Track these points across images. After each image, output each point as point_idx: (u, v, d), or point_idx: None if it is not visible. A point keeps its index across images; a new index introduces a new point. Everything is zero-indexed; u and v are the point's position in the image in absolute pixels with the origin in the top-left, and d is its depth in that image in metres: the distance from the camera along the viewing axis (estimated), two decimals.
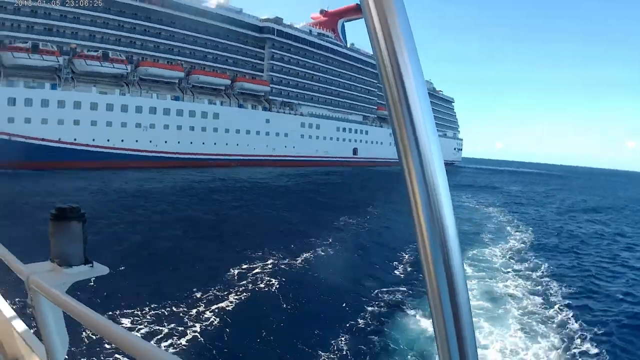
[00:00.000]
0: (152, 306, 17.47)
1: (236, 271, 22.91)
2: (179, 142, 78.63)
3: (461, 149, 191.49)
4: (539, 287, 24.17)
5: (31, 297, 2.45)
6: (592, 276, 27.70)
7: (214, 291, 19.76)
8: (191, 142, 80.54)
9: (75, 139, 66.19)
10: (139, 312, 16.79)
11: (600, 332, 18.65)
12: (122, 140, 71.44)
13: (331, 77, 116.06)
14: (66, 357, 2.53)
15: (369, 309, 19.57)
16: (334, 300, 20.25)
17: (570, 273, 27.56)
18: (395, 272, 25.33)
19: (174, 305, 17.84)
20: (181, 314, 17.25)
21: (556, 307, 21.18)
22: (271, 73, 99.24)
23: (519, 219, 48.25)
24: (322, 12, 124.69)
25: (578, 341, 17.64)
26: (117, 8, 73.87)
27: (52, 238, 2.69)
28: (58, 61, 67.36)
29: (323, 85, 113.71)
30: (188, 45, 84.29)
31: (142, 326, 15.80)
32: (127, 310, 16.63)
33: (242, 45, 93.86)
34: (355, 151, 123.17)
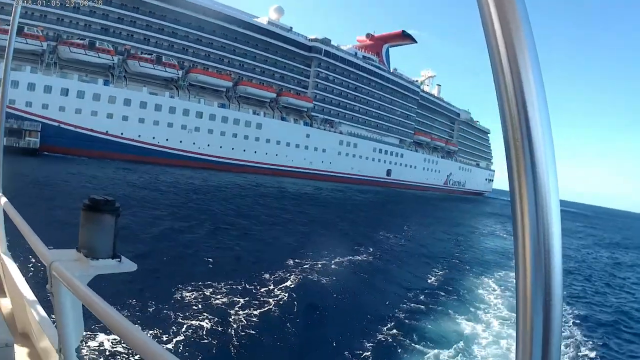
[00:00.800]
0: (172, 307, 16.69)
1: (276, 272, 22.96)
2: (221, 147, 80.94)
3: (492, 180, 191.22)
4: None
5: (52, 283, 2.45)
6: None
7: (250, 294, 19.37)
8: (232, 148, 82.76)
9: (122, 133, 69.17)
10: (160, 312, 16.04)
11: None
12: (167, 140, 74.12)
13: (372, 99, 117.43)
14: (80, 347, 2.55)
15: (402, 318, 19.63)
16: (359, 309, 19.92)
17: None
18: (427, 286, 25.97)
19: (194, 309, 16.93)
20: (203, 318, 16.30)
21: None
22: (315, 90, 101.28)
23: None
24: (368, 35, 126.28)
25: None
26: (172, 16, 76.97)
27: (81, 228, 2.69)
28: (112, 60, 70.71)
29: (363, 107, 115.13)
30: (238, 57, 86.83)
31: (158, 328, 14.92)
32: (148, 308, 15.98)
33: (289, 62, 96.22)
34: (389, 172, 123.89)
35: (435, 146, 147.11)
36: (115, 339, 12.75)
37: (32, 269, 14.51)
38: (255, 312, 17.44)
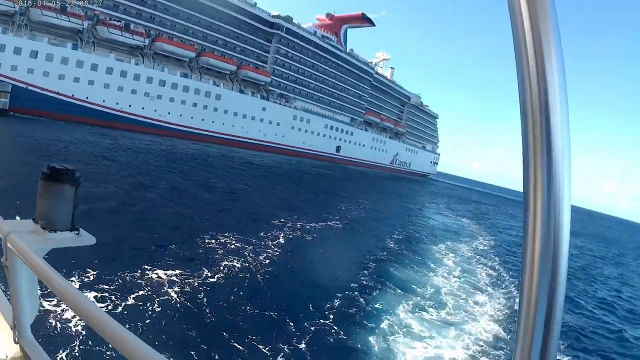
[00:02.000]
0: (128, 276, 16.59)
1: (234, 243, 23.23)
2: (180, 115, 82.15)
3: (437, 163, 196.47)
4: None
5: (7, 256, 2.37)
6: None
7: (197, 266, 19.19)
8: (192, 117, 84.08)
9: (87, 98, 69.82)
10: (111, 280, 15.85)
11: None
12: (130, 106, 75.12)
13: (327, 78, 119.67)
14: (33, 323, 2.49)
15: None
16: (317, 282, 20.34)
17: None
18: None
19: (148, 281, 16.84)
20: (155, 289, 16.28)
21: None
22: (274, 66, 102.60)
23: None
24: (328, 15, 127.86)
25: None
26: None
27: (39, 198, 2.57)
28: (82, 24, 70.77)
29: (318, 84, 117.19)
30: (202, 29, 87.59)
31: (109, 297, 14.77)
32: (106, 282, 15.60)
33: (251, 36, 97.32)
34: (338, 149, 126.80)
35: (385, 127, 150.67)
36: (71, 315, 12.53)
37: None
38: (209, 285, 17.51)
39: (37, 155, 33.21)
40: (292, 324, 16.10)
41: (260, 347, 14.05)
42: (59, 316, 12.26)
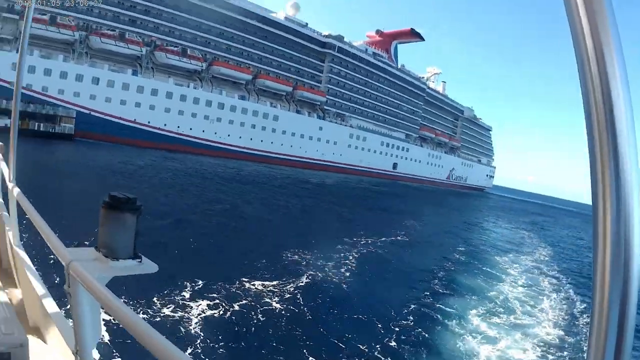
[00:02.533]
0: (193, 301, 16.30)
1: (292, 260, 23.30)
2: (240, 137, 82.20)
3: (492, 176, 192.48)
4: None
5: (70, 283, 2.36)
6: None
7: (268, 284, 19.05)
8: (251, 139, 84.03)
9: (148, 122, 70.76)
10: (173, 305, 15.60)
11: None
12: (191, 129, 75.50)
13: (381, 95, 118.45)
14: (95, 349, 2.46)
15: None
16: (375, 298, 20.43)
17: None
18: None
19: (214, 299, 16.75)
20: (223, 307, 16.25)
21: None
22: (328, 85, 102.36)
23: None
24: (378, 32, 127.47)
25: None
26: (196, 10, 77.83)
27: (101, 226, 2.58)
28: (140, 51, 72.11)
29: (373, 102, 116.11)
30: (257, 51, 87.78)
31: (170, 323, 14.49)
32: (167, 307, 15.34)
33: (304, 57, 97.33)
34: (395, 166, 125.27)
35: (439, 142, 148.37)
36: (133, 342, 11.69)
37: (45, 262, 13.40)
38: (273, 306, 17.40)
39: (101, 181, 33.46)
40: (379, 324, 17.04)
41: (354, 344, 14.95)
42: (120, 342, 12.23)
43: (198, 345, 13.37)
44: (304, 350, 14.07)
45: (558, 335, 19.65)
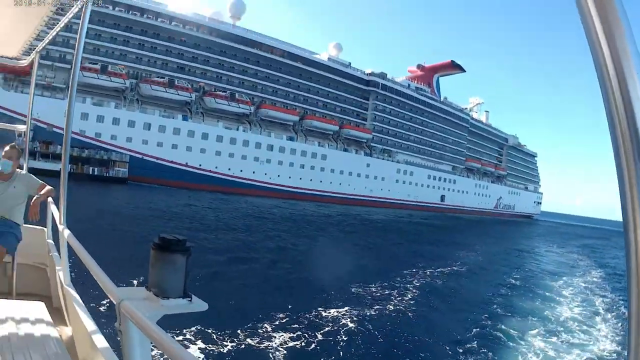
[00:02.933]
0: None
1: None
2: (289, 177, 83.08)
3: (540, 203, 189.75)
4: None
5: (120, 321, 2.42)
6: None
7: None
8: (300, 178, 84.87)
9: (200, 165, 72.34)
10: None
11: None
12: (241, 171, 76.87)
13: (425, 129, 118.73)
14: None
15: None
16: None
17: None
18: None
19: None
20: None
21: None
22: (373, 122, 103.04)
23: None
24: (419, 66, 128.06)
25: None
26: (243, 55, 79.99)
27: (151, 267, 2.65)
28: (190, 96, 74.32)
29: (418, 136, 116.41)
30: (302, 92, 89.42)
31: None
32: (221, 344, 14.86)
33: (349, 96, 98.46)
34: (442, 198, 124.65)
35: (485, 171, 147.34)
36: None
37: (95, 301, 13.70)
38: (364, 327, 17.68)
39: (152, 223, 34.14)
40: (446, 347, 17.10)
41: None
42: None
43: None
44: None
45: (613, 349, 19.56)
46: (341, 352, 14.85)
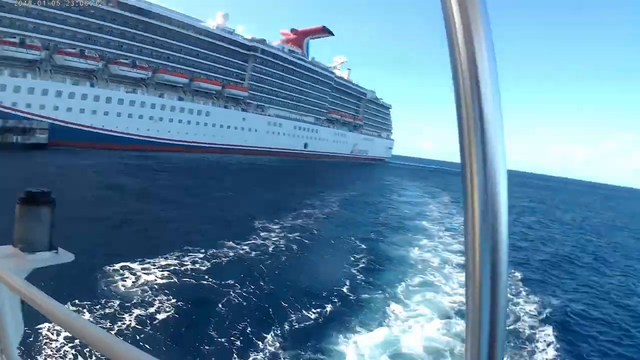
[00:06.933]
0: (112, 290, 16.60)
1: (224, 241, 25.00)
2: (178, 133, 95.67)
3: (392, 148, 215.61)
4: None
5: None
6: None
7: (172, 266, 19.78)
8: (187, 133, 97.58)
9: (103, 126, 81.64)
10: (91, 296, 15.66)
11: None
12: (138, 129, 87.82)
13: (294, 86, 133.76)
14: (19, 346, 2.41)
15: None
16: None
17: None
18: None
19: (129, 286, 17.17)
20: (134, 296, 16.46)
21: None
22: (251, 82, 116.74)
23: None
24: (292, 30, 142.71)
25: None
26: (143, 26, 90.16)
27: (17, 222, 2.55)
28: (98, 65, 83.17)
29: (287, 92, 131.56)
30: (192, 58, 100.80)
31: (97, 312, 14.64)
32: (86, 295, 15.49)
33: (232, 59, 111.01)
34: (305, 145, 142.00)
35: (344, 122, 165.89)
36: (59, 332, 12.43)
37: None
38: (202, 280, 18.50)
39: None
40: (310, 293, 18.95)
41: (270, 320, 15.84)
42: (45, 335, 12.27)
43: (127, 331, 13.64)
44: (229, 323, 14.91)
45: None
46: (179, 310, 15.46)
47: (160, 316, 15.00)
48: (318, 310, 17.37)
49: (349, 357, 14.16)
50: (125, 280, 17.54)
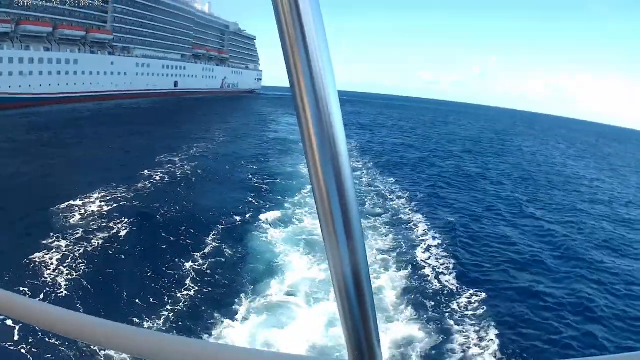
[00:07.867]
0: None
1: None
2: (50, 85, 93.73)
3: (261, 79, 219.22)
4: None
5: None
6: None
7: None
8: (58, 84, 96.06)
9: None
10: None
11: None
12: (10, 87, 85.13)
13: (156, 24, 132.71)
14: None
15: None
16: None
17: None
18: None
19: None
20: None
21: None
22: (113, 24, 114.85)
23: None
24: None
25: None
26: None
27: None
28: None
29: (151, 31, 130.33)
30: (53, 5, 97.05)
31: None
32: None
33: (91, 1, 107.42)
34: (176, 84, 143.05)
35: (210, 56, 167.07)
36: None
37: None
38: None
39: None
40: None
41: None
42: None
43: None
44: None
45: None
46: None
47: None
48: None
49: None
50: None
